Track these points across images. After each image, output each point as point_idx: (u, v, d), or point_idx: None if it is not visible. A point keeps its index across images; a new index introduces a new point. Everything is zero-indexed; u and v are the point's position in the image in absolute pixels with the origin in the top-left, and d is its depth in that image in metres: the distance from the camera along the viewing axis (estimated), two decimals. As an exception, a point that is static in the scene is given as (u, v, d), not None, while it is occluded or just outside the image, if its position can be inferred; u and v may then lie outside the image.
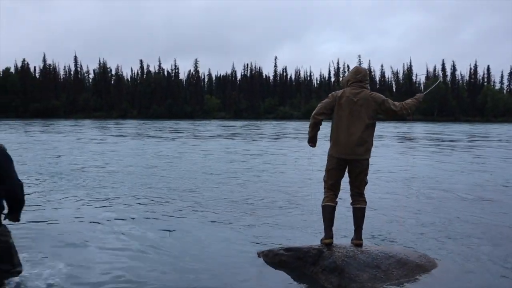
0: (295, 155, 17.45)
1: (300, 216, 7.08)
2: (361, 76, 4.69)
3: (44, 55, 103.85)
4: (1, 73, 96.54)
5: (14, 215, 3.53)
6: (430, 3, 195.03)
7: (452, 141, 28.12)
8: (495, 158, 17.32)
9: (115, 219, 6.79)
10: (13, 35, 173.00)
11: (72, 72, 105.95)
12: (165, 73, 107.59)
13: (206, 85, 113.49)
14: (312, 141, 4.88)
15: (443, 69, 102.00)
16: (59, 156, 16.24)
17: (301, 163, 14.52)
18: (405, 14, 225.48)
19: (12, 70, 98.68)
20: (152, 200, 8.20)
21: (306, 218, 6.91)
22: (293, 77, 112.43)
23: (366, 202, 4.80)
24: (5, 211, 3.52)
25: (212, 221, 6.80)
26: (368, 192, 4.93)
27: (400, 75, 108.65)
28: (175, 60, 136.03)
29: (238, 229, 6.33)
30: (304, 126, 52.37)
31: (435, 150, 21.10)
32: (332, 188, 4.75)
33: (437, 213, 7.38)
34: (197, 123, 63.72)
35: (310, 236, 5.84)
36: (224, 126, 51.21)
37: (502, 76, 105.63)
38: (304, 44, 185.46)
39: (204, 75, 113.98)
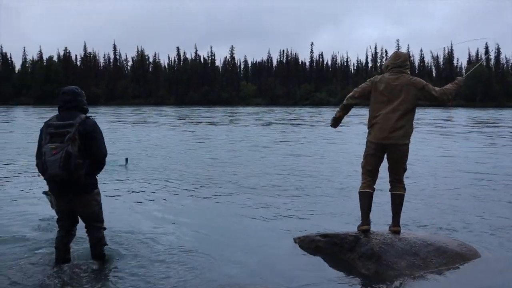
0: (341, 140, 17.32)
1: (336, 202, 7.06)
2: (401, 61, 4.62)
3: (85, 43, 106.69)
4: (45, 62, 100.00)
5: None
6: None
7: (496, 127, 27.14)
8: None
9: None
10: (56, 25, 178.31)
11: (111, 60, 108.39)
12: (202, 60, 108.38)
13: (242, 72, 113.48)
14: (335, 122, 4.92)
15: (487, 52, 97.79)
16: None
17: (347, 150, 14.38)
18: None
19: (55, 59, 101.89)
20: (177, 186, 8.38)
21: (342, 205, 6.88)
22: (329, 63, 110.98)
23: (405, 189, 4.73)
24: None
25: (237, 205, 6.95)
26: (407, 178, 4.85)
27: (441, 60, 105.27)
28: (211, 47, 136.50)
29: (272, 215, 6.37)
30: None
31: (477, 136, 20.43)
32: (370, 174, 4.70)
33: (479, 202, 7.18)
34: (214, 109, 64.02)
35: (345, 222, 5.82)
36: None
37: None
38: (342, 30, 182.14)
39: (240, 62, 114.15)
